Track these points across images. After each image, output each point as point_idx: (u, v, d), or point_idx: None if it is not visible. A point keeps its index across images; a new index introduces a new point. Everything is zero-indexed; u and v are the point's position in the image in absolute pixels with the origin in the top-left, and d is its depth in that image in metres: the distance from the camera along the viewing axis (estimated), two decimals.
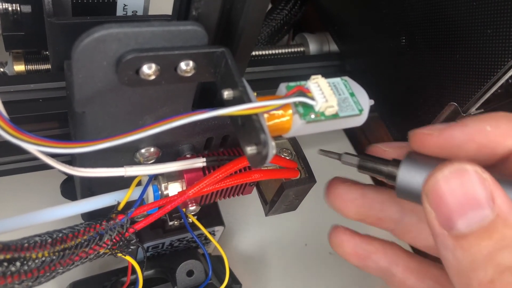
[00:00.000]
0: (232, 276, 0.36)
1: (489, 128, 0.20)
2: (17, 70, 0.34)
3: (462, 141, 0.21)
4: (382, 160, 0.23)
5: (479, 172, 0.19)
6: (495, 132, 0.20)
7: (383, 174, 0.23)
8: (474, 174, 0.19)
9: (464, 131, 0.21)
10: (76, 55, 0.17)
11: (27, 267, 0.19)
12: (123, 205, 0.23)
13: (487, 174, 0.19)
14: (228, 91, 0.18)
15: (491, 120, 0.21)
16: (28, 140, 0.17)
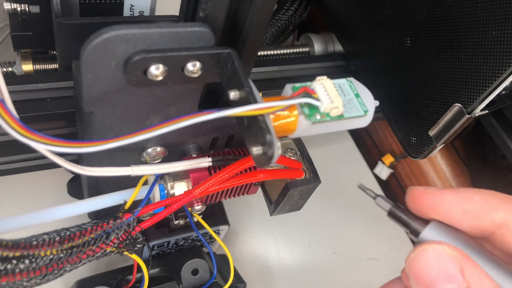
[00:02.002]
0: (236, 275, 0.36)
1: (478, 198, 0.22)
2: (25, 69, 0.35)
3: (449, 203, 0.23)
4: (412, 215, 0.24)
5: (448, 251, 0.21)
6: (482, 204, 0.22)
7: (408, 228, 0.24)
8: (443, 252, 0.21)
9: (454, 196, 0.23)
10: (85, 55, 0.17)
11: (36, 264, 0.19)
12: (129, 204, 0.23)
13: (456, 252, 0.21)
14: (234, 91, 0.18)
15: (482, 193, 0.23)
16: (37, 139, 0.17)
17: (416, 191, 0.24)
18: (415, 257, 0.22)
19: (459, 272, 0.20)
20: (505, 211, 0.22)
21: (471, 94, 0.29)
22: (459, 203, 0.23)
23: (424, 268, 0.21)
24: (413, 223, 0.24)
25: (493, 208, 0.22)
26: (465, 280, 0.20)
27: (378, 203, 0.25)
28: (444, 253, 0.21)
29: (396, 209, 0.25)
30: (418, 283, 0.21)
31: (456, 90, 0.30)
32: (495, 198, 0.23)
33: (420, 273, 0.21)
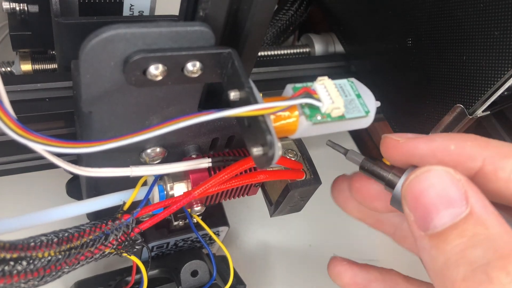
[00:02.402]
0: (236, 276, 0.36)
1: (453, 147, 0.21)
2: (24, 69, 0.35)
3: (424, 154, 0.21)
4: (386, 166, 0.23)
5: (452, 173, 0.19)
6: (459, 153, 0.21)
7: (383, 180, 0.23)
8: (446, 175, 0.19)
9: (429, 145, 0.21)
10: (84, 55, 0.17)
11: (33, 266, 0.19)
12: (128, 205, 0.23)
13: (461, 176, 0.19)
14: (234, 92, 0.18)
15: (458, 140, 0.21)
16: (35, 139, 0.17)
17: (388, 140, 0.22)
18: (416, 178, 0.20)
19: (463, 197, 0.19)
20: (483, 158, 0.21)
21: (473, 95, 0.29)
22: (433, 154, 0.21)
23: (424, 191, 0.19)
24: (388, 174, 0.22)
25: (470, 156, 0.21)
26: (469, 205, 0.19)
27: (350, 158, 0.24)
28: (448, 175, 0.19)
29: (368, 162, 0.23)
30: (415, 207, 0.20)
31: (457, 91, 0.30)
32: (473, 145, 0.21)
33: (419, 196, 0.19)
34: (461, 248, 0.18)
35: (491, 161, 0.21)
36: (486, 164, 0.21)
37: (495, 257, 0.17)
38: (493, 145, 0.21)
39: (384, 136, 0.23)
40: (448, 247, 0.18)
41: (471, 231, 0.18)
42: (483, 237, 0.18)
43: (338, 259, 0.27)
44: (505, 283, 0.16)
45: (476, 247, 0.18)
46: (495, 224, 0.18)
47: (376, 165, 0.23)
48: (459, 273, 0.17)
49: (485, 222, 0.18)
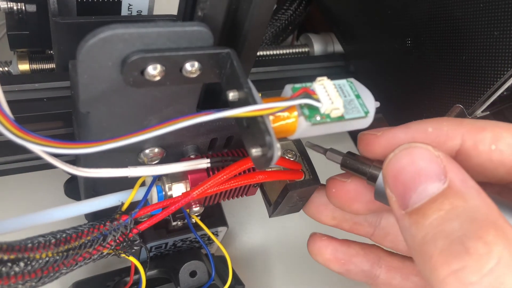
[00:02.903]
0: (235, 276, 0.36)
1: (431, 129, 0.21)
2: (21, 69, 0.35)
3: (403, 142, 0.21)
4: (366, 160, 0.23)
5: (431, 150, 0.19)
6: (437, 134, 0.21)
7: (365, 175, 0.22)
8: (425, 151, 0.19)
9: (407, 132, 0.21)
10: (82, 55, 0.17)
11: (31, 267, 0.19)
12: (127, 205, 0.23)
13: (439, 152, 0.19)
14: (233, 92, 0.18)
15: (434, 123, 0.21)
16: (32, 140, 0.17)
17: (366, 136, 0.22)
18: (395, 157, 0.20)
19: (441, 172, 0.18)
20: (461, 135, 0.21)
21: (472, 95, 0.29)
22: (413, 139, 0.21)
23: (403, 168, 0.19)
24: (369, 168, 0.22)
25: (448, 136, 0.21)
26: (447, 179, 0.18)
27: (330, 157, 0.24)
28: (427, 152, 0.19)
29: (348, 158, 0.23)
30: (395, 185, 0.19)
31: (457, 91, 0.30)
32: (449, 125, 0.21)
33: (398, 174, 0.19)
34: (438, 222, 0.17)
35: (469, 136, 0.20)
36: (465, 140, 0.21)
37: (472, 227, 0.17)
38: (467, 122, 0.21)
39: (361, 134, 0.23)
40: (426, 222, 0.18)
41: (449, 205, 0.18)
42: (461, 210, 0.17)
43: (318, 235, 0.27)
44: (482, 253, 0.16)
45: (454, 219, 0.17)
46: (474, 196, 0.18)
47: (356, 160, 0.23)
48: (436, 247, 0.17)
49: (463, 195, 0.18)
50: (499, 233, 0.16)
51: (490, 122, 0.21)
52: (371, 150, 0.22)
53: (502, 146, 0.20)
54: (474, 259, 0.16)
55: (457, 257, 0.16)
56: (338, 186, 0.24)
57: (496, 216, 0.17)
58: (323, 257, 0.27)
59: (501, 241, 0.16)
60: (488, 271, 0.16)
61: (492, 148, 0.20)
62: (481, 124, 0.21)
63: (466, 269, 0.16)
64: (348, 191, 0.24)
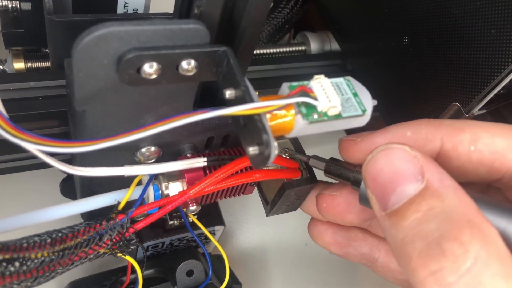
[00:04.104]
0: (232, 276, 0.36)
1: (410, 133, 0.21)
2: (16, 67, 0.34)
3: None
4: (349, 165, 0.23)
5: (407, 150, 0.19)
6: (415, 137, 0.21)
7: (348, 180, 0.22)
8: (402, 152, 0.19)
9: (385, 137, 0.21)
10: (77, 53, 0.17)
11: (26, 267, 0.18)
12: (123, 204, 0.23)
13: (417, 152, 0.19)
14: (230, 90, 0.18)
15: (412, 126, 0.21)
16: (28, 139, 0.17)
17: (346, 142, 0.22)
18: (372, 158, 0.20)
19: (418, 172, 0.18)
20: (440, 137, 0.21)
21: (469, 93, 0.28)
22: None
23: (381, 169, 0.19)
24: (353, 173, 0.22)
25: (428, 139, 0.21)
26: (425, 179, 0.18)
27: (313, 164, 0.24)
28: (403, 152, 0.19)
29: (331, 164, 0.23)
30: (374, 186, 0.19)
31: (454, 89, 0.30)
32: (428, 127, 0.21)
33: (377, 175, 0.19)
34: (416, 223, 0.17)
35: (448, 138, 0.21)
36: (444, 142, 0.21)
37: (448, 228, 0.17)
38: (446, 124, 0.21)
39: (341, 140, 0.23)
40: (405, 224, 0.18)
41: (426, 205, 0.18)
42: (438, 210, 0.17)
43: (318, 220, 0.27)
44: (458, 254, 0.16)
45: (431, 220, 0.17)
46: (452, 196, 0.18)
47: (340, 166, 0.23)
48: (415, 249, 0.17)
49: (441, 195, 0.18)
50: (474, 232, 0.16)
51: (468, 123, 0.21)
52: (351, 156, 0.22)
53: (481, 147, 0.20)
54: (450, 260, 0.16)
55: (434, 258, 0.16)
56: (328, 201, 0.24)
57: (473, 215, 0.17)
58: (323, 240, 0.27)
59: (477, 240, 0.16)
60: (465, 271, 0.16)
61: (471, 149, 0.20)
62: (459, 125, 0.21)
63: (444, 270, 0.16)
64: (339, 204, 0.24)
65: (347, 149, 0.22)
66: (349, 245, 0.26)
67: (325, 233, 0.27)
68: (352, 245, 0.26)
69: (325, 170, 0.23)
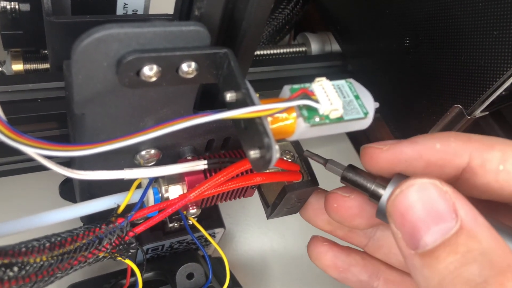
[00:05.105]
0: (232, 278, 0.35)
1: (439, 146, 0.20)
2: (15, 69, 0.34)
3: (410, 158, 0.20)
4: (368, 175, 0.22)
5: (438, 185, 0.18)
6: (445, 150, 0.20)
7: (366, 191, 0.22)
8: (433, 187, 0.18)
9: (414, 148, 0.21)
10: (76, 55, 0.16)
11: (25, 272, 0.18)
12: (123, 208, 0.23)
13: (447, 187, 0.18)
14: (230, 93, 0.18)
15: (441, 139, 0.21)
16: (26, 142, 0.17)
17: (370, 149, 0.21)
18: (401, 193, 0.18)
19: (452, 210, 0.18)
20: (469, 153, 0.20)
21: (471, 95, 0.28)
22: (420, 156, 0.20)
23: (410, 207, 0.18)
24: (372, 185, 0.21)
25: (456, 153, 0.20)
26: (459, 219, 0.17)
27: (330, 168, 0.23)
28: (434, 187, 0.18)
29: (350, 172, 0.22)
30: (403, 224, 0.18)
31: (456, 91, 0.29)
32: (457, 141, 0.20)
33: (406, 212, 0.18)
34: (455, 266, 0.17)
35: (477, 154, 0.20)
36: (473, 158, 0.20)
37: (492, 274, 0.16)
38: (476, 139, 0.20)
39: (364, 147, 0.22)
40: (441, 266, 0.17)
41: (464, 247, 0.17)
42: (477, 253, 0.17)
43: (319, 239, 0.27)
44: None
45: (471, 264, 0.17)
46: (487, 237, 0.17)
47: (358, 175, 0.22)
48: None
49: (477, 236, 0.17)
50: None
51: (499, 140, 0.20)
52: (375, 165, 0.21)
53: (510, 167, 0.20)
54: None
55: None
56: (340, 202, 0.24)
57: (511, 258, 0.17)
58: (321, 263, 0.26)
59: None
60: None
61: (500, 168, 0.20)
62: (490, 142, 0.20)
63: None
64: (351, 207, 0.23)
65: (370, 157, 0.21)
66: (348, 270, 0.26)
67: (324, 255, 0.26)
68: (351, 271, 0.26)
69: (342, 177, 0.22)
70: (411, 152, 0.20)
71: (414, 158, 0.20)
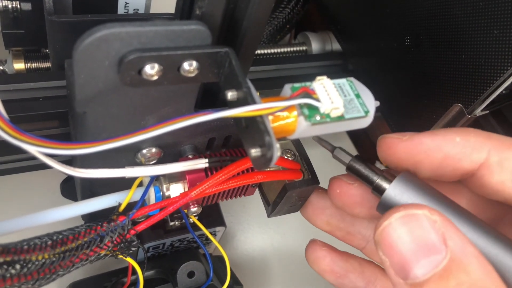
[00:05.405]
0: (233, 277, 0.35)
1: (459, 139, 0.20)
2: (16, 68, 0.34)
3: (430, 148, 0.20)
4: (374, 168, 0.22)
5: (428, 215, 0.18)
6: (464, 144, 0.20)
7: (370, 184, 0.21)
8: (423, 217, 0.18)
9: (434, 139, 0.21)
10: (78, 54, 0.16)
11: (27, 269, 0.18)
12: (124, 206, 0.23)
13: (437, 215, 0.18)
14: (232, 92, 0.18)
15: (461, 133, 0.21)
16: (28, 140, 0.17)
17: (390, 139, 0.21)
18: (390, 225, 0.18)
19: (441, 241, 0.17)
20: (487, 149, 0.20)
21: (472, 94, 0.28)
22: (439, 147, 0.20)
23: (399, 238, 0.18)
24: (377, 178, 0.21)
25: (475, 148, 0.20)
26: (448, 250, 0.17)
27: (337, 156, 0.23)
28: (424, 218, 0.18)
29: (357, 162, 0.22)
30: (391, 256, 0.18)
31: (456, 90, 0.29)
32: (477, 137, 0.20)
33: (394, 244, 0.18)
34: None
35: (496, 151, 0.20)
36: (491, 155, 0.20)
37: None
38: (496, 138, 0.21)
39: (383, 137, 0.22)
40: None
41: (454, 281, 0.17)
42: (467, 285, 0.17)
43: (318, 244, 0.27)
44: None
45: None
46: (476, 268, 0.17)
47: (365, 166, 0.22)
48: None
49: (466, 268, 0.17)
50: None
51: None
52: (392, 155, 0.21)
53: None
54: None
55: None
56: (343, 188, 0.24)
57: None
58: (319, 267, 0.26)
59: None
60: None
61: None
62: (509, 141, 0.20)
63: None
64: (353, 195, 0.23)
65: (388, 147, 0.21)
66: (345, 276, 0.26)
67: (322, 260, 0.26)
68: (348, 277, 0.26)
69: (348, 166, 0.22)
70: (431, 143, 0.20)
71: (433, 150, 0.20)
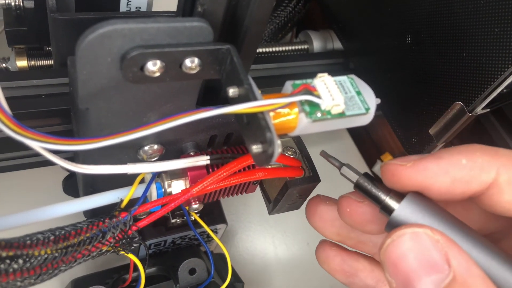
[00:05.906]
0: (234, 274, 0.36)
1: (465, 161, 0.20)
2: (19, 65, 0.34)
3: (436, 174, 0.20)
4: (383, 187, 0.21)
5: (430, 234, 0.18)
6: (471, 166, 0.20)
7: (379, 203, 0.21)
8: (424, 236, 0.18)
9: (439, 164, 0.20)
10: (80, 51, 0.17)
11: (30, 264, 0.18)
12: (126, 202, 0.23)
13: (439, 235, 0.18)
14: (233, 88, 0.18)
15: (467, 153, 0.20)
16: (31, 136, 0.17)
17: (393, 166, 0.20)
18: (392, 243, 0.18)
19: (444, 260, 0.18)
20: (496, 168, 0.19)
21: (472, 92, 0.28)
22: (446, 172, 0.20)
23: (402, 257, 0.18)
24: (386, 198, 0.21)
25: (483, 168, 0.19)
26: (451, 269, 0.17)
27: (344, 173, 0.22)
28: (426, 237, 0.18)
29: (365, 181, 0.21)
30: (395, 275, 0.18)
31: (457, 88, 0.30)
32: (484, 155, 0.20)
33: (397, 263, 0.18)
34: None
35: (505, 169, 0.19)
36: (500, 174, 0.19)
37: None
38: (503, 154, 0.20)
39: (386, 163, 0.21)
40: None
41: None
42: None
43: (328, 244, 0.26)
44: None
45: None
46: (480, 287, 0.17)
47: (373, 185, 0.21)
48: None
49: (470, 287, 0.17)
50: None
51: None
52: (397, 182, 0.21)
53: None
54: None
55: None
56: (353, 207, 0.23)
57: None
58: (329, 267, 0.26)
59: None
60: None
61: None
62: None
63: None
64: (364, 213, 0.23)
65: (393, 174, 0.21)
66: (355, 275, 0.26)
67: (332, 260, 0.26)
68: (358, 276, 0.26)
69: (356, 184, 0.22)
70: (436, 168, 0.20)
71: (440, 175, 0.20)
